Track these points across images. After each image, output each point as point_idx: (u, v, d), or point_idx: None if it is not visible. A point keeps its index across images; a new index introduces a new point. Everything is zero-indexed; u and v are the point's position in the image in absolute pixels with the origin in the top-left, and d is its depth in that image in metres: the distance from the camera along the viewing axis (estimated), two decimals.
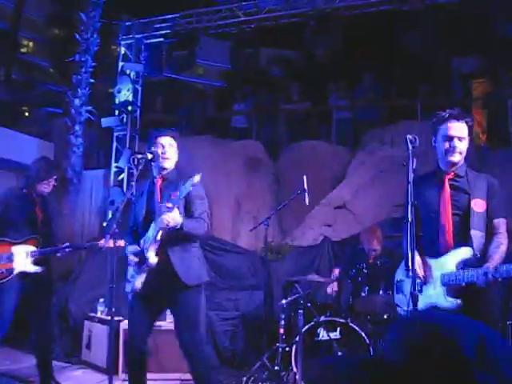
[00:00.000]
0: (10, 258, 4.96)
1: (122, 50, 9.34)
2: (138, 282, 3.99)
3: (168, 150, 4.19)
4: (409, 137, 3.61)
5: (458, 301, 3.45)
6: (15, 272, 4.93)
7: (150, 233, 3.99)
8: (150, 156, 4.15)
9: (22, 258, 4.98)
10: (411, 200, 3.38)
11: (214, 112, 11.65)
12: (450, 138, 3.60)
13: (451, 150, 3.60)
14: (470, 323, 0.95)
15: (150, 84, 10.85)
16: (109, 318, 5.16)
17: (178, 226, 3.85)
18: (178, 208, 3.88)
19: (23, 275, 4.98)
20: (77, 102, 9.26)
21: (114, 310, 4.10)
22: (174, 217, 3.81)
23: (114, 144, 9.24)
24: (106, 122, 9.22)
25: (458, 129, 3.60)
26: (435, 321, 0.91)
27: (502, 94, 10.04)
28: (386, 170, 8.82)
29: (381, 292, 5.49)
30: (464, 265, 3.48)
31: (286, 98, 11.30)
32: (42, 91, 14.89)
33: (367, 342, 5.22)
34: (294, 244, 8.71)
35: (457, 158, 3.61)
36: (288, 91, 11.39)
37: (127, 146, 9.21)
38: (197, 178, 3.78)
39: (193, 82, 13.89)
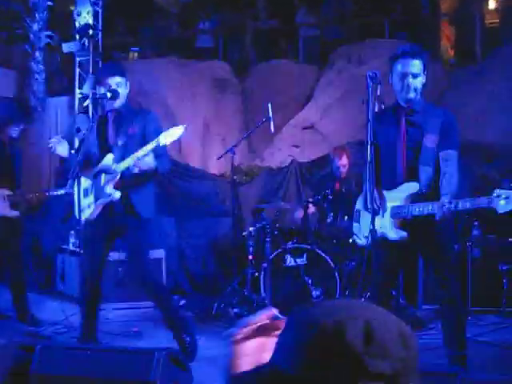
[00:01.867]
0: None
1: None
2: (94, 211, 4.08)
3: (117, 88, 4.15)
4: (369, 73, 3.62)
5: (404, 233, 3.61)
6: None
7: (107, 166, 4.04)
8: (109, 94, 4.11)
9: (1, 202, 4.99)
10: (371, 139, 3.45)
11: (178, 32, 11.32)
12: (404, 76, 3.63)
13: (405, 87, 3.64)
14: (353, 310, 0.98)
15: (111, 4, 10.45)
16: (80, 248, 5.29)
17: (148, 170, 3.92)
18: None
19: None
20: (35, 26, 8.92)
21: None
22: (149, 162, 3.86)
23: (77, 70, 8.99)
24: (67, 47, 8.92)
25: (412, 66, 3.62)
26: (322, 318, 0.94)
27: (470, 9, 9.92)
28: (354, 90, 8.79)
29: (345, 218, 5.63)
30: (412, 198, 3.61)
31: (252, 16, 11.00)
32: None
33: (332, 266, 5.42)
34: (263, 165, 8.80)
35: (411, 95, 3.65)
36: (254, 8, 11.08)
37: (90, 71, 8.97)
38: (181, 132, 3.78)
39: None
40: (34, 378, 3.26)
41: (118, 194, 4.01)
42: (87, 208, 4.05)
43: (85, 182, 4.09)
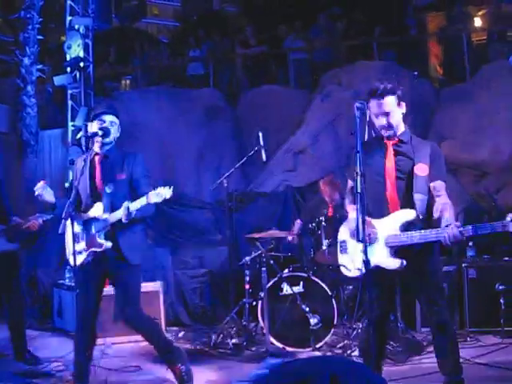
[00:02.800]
0: None
1: (68, 4, 9.00)
2: (86, 258, 4.14)
3: (109, 126, 4.20)
4: (357, 104, 3.65)
5: (403, 261, 3.61)
6: None
7: (97, 214, 4.10)
8: (100, 132, 4.15)
9: None
10: (360, 170, 3.47)
11: (169, 60, 11.42)
12: (377, 116, 3.71)
13: (381, 126, 3.71)
14: (320, 365, 1.01)
15: (102, 35, 10.55)
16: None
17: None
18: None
19: None
20: (26, 60, 8.96)
21: None
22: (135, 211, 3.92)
23: (69, 102, 9.04)
24: (58, 80, 8.96)
25: (382, 106, 3.68)
26: (290, 377, 0.97)
27: (457, 28, 10.05)
28: (344, 113, 8.85)
29: (329, 244, 5.65)
30: (407, 226, 3.63)
31: (241, 43, 11.11)
32: None
33: (329, 293, 5.43)
34: (258, 191, 8.82)
35: (389, 132, 3.73)
36: (243, 35, 11.18)
37: (82, 103, 9.03)
38: (168, 194, 3.83)
39: (146, 23, 13.49)
40: None
41: (109, 244, 4.09)
42: (79, 254, 4.08)
43: (76, 227, 4.10)
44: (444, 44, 10.60)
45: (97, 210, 4.13)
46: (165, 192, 3.85)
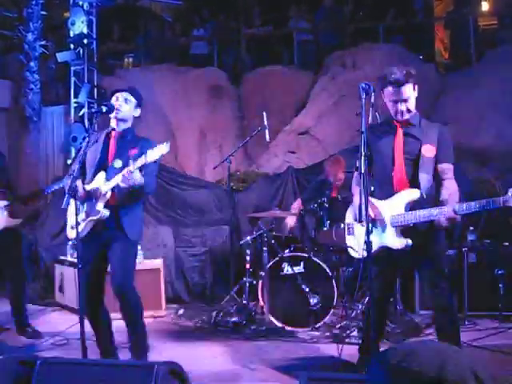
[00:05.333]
0: None
1: None
2: (85, 228, 4.11)
3: (122, 103, 4.18)
4: (362, 85, 3.67)
5: (409, 241, 3.65)
6: None
7: (99, 184, 4.06)
8: (104, 109, 4.14)
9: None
10: (365, 151, 3.49)
11: (173, 39, 11.34)
12: (395, 102, 3.72)
13: (399, 112, 3.75)
14: (454, 355, 1.04)
15: (106, 12, 10.48)
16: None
17: (137, 186, 3.94)
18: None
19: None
20: (30, 36, 8.95)
21: None
22: (137, 178, 3.88)
23: (72, 79, 9.04)
24: (61, 56, 8.97)
25: (402, 93, 3.72)
26: (425, 369, 0.99)
27: (464, 12, 9.97)
28: (349, 95, 8.83)
29: (342, 225, 5.64)
30: (412, 205, 3.66)
31: (247, 22, 11.03)
32: None
33: (329, 273, 5.45)
34: (260, 172, 8.83)
35: (405, 116, 3.79)
36: (249, 14, 11.10)
37: (85, 80, 9.02)
38: (166, 149, 3.81)
39: (150, 1, 13.38)
40: None
41: (107, 212, 4.06)
42: (78, 225, 4.05)
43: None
44: (450, 28, 10.53)
45: (98, 181, 4.09)
46: (162, 148, 3.82)
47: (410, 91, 3.73)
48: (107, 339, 4.34)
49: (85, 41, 8.83)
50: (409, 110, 3.75)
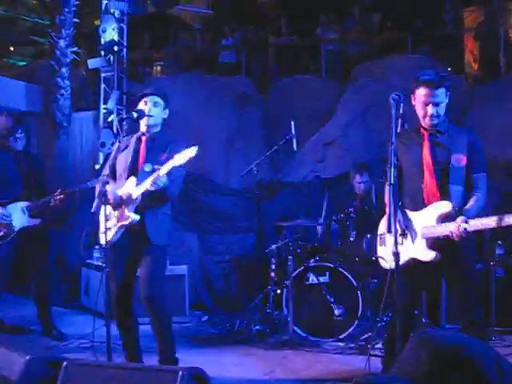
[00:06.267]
0: (9, 218, 5.07)
1: None
2: (116, 234, 4.13)
3: (151, 107, 4.20)
4: (393, 95, 3.65)
5: (437, 254, 3.61)
6: (16, 229, 5.09)
7: (130, 189, 4.08)
8: (135, 115, 4.17)
9: (19, 215, 5.10)
10: (394, 161, 3.47)
11: (202, 47, 11.43)
12: (426, 104, 3.67)
13: (428, 115, 3.68)
14: (482, 346, 1.09)
15: (136, 20, 10.61)
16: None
17: (159, 190, 3.96)
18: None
19: (21, 230, 5.13)
20: (62, 43, 9.07)
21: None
22: (162, 181, 3.90)
23: (102, 85, 9.14)
24: (92, 63, 9.08)
25: (435, 96, 3.67)
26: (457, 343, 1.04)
27: (494, 23, 9.88)
28: (376, 105, 8.79)
29: (368, 236, 5.62)
30: (443, 218, 3.61)
31: (275, 32, 11.07)
32: (27, 26, 14.51)
33: (355, 284, 5.42)
34: (286, 181, 8.82)
35: (435, 121, 3.73)
36: (277, 24, 11.15)
37: (115, 86, 9.11)
38: (193, 153, 3.82)
39: (180, 10, 13.52)
40: None
41: (137, 217, 4.05)
42: (109, 231, 4.05)
43: (108, 206, 4.09)
44: (480, 40, 10.43)
45: (129, 185, 4.10)
46: (189, 152, 3.82)
47: (442, 96, 3.68)
48: (133, 343, 4.37)
49: (115, 48, 8.92)
50: (438, 116, 3.69)
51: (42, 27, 13.73)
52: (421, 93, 3.70)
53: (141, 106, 4.23)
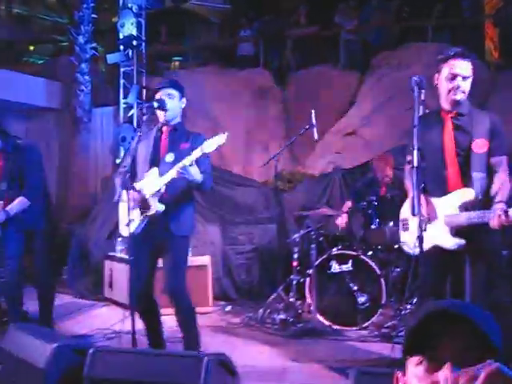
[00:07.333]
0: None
1: None
2: (139, 225, 4.11)
3: (167, 101, 4.20)
4: (414, 78, 3.60)
5: (462, 241, 3.56)
6: None
7: (153, 180, 4.08)
8: (156, 104, 4.16)
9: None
10: (417, 145, 3.43)
11: (219, 40, 11.43)
12: (454, 77, 3.60)
13: (455, 88, 3.60)
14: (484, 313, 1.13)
15: (154, 14, 10.66)
16: (127, 256, 5.32)
17: (194, 182, 3.95)
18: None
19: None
20: (81, 39, 9.15)
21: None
22: (194, 173, 3.90)
23: (122, 80, 9.20)
24: (111, 58, 9.16)
25: (463, 67, 3.59)
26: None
27: None
28: (396, 95, 8.73)
29: (391, 224, 5.58)
30: (466, 206, 3.56)
31: (292, 23, 11.03)
32: (46, 25, 14.64)
33: (378, 272, 5.38)
34: (306, 172, 8.80)
35: (460, 96, 3.61)
36: (294, 14, 11.10)
37: (135, 81, 9.17)
38: (223, 140, 3.81)
39: (197, 5, 13.51)
40: (87, 380, 3.33)
41: (162, 207, 4.04)
42: (132, 222, 3.99)
43: (131, 196, 4.07)
44: (500, 26, 10.29)
45: (151, 176, 4.09)
46: (219, 139, 3.81)
47: (469, 70, 3.61)
48: (156, 332, 4.39)
49: (134, 42, 8.98)
50: (464, 92, 3.60)
51: (61, 26, 13.86)
52: (449, 66, 3.61)
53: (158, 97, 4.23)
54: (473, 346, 1.05)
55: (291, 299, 5.79)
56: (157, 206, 4.04)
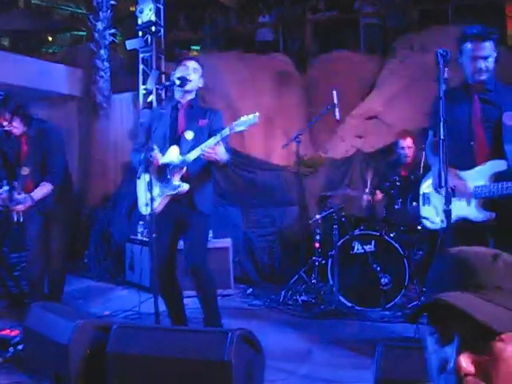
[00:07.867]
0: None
1: None
2: (161, 204, 4.10)
3: (191, 72, 4.16)
4: (439, 51, 3.54)
5: (491, 213, 3.50)
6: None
7: (173, 158, 4.04)
8: (178, 82, 4.13)
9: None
10: (443, 116, 3.36)
11: (238, 26, 11.37)
12: (474, 59, 3.54)
13: (477, 70, 3.56)
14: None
15: (172, 0, 10.61)
16: (148, 239, 5.31)
17: (220, 161, 3.91)
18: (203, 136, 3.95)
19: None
20: (99, 25, 9.14)
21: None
22: (220, 151, 3.85)
23: (141, 66, 9.18)
24: (130, 44, 9.12)
25: (482, 48, 3.55)
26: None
27: None
28: (418, 79, 8.62)
29: (414, 204, 5.50)
30: (497, 177, 3.49)
31: (312, 7, 10.94)
32: (64, 15, 14.71)
33: (401, 253, 5.32)
34: (327, 156, 8.74)
35: (483, 77, 3.58)
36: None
37: (154, 66, 9.14)
38: (255, 120, 3.76)
39: None
40: (110, 356, 3.34)
41: (186, 186, 4.01)
42: (154, 201, 3.91)
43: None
44: None
45: (172, 154, 4.06)
46: (251, 118, 3.76)
47: (490, 49, 3.55)
48: (178, 312, 4.39)
49: (153, 28, 8.94)
50: (487, 70, 3.56)
51: (79, 16, 13.91)
52: (468, 47, 3.58)
53: (180, 70, 4.19)
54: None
55: (313, 281, 5.75)
56: (182, 185, 4.01)
